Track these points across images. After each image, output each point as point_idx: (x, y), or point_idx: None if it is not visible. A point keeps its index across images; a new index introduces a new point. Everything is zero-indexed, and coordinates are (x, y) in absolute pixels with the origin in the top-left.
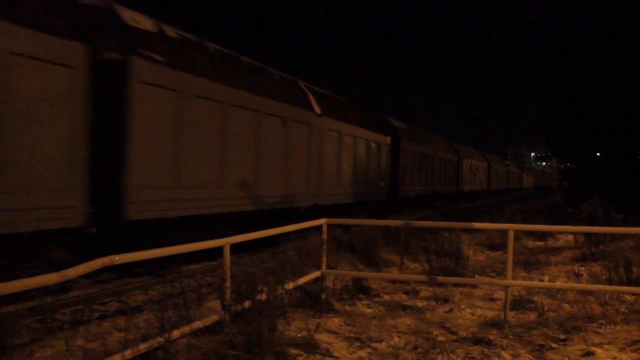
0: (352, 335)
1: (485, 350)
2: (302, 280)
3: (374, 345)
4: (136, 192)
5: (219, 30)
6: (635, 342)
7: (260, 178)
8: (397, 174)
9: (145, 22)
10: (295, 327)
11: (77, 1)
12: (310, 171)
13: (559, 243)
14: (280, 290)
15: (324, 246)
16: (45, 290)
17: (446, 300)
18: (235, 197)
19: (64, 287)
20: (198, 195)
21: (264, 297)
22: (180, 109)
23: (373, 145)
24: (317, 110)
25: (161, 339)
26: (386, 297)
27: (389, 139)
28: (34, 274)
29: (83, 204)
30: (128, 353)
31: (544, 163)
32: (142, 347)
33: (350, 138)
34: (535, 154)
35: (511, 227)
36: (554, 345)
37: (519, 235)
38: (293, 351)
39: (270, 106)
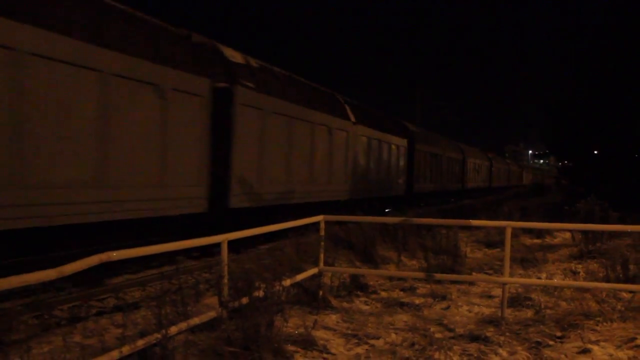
0: (350, 332)
1: (482, 347)
2: (299, 277)
3: (371, 342)
4: (236, 188)
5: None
6: (631, 340)
7: (313, 176)
8: (412, 173)
9: (237, 56)
10: (292, 323)
11: (196, 43)
12: (347, 170)
13: (556, 241)
14: (277, 287)
15: (322, 243)
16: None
17: (443, 298)
18: (297, 191)
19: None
20: (273, 189)
21: (261, 293)
22: (263, 122)
23: (394, 147)
24: (352, 119)
25: (159, 335)
26: (383, 294)
27: (406, 141)
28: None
29: (206, 196)
30: (125, 349)
31: (541, 161)
32: (140, 343)
33: (376, 142)
34: (533, 151)
35: (509, 224)
36: (550, 342)
37: (516, 232)
38: (290, 348)
39: (320, 117)
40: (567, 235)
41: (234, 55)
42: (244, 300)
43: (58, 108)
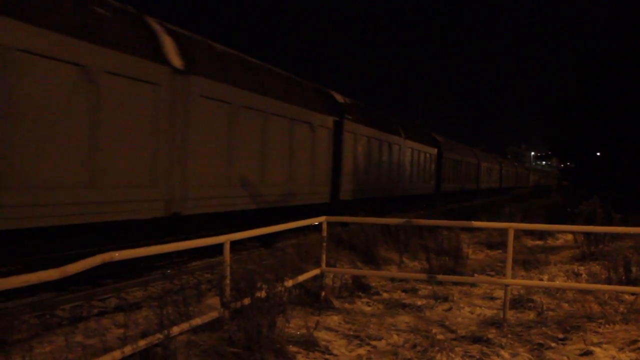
0: (352, 333)
1: (484, 349)
2: (301, 278)
3: (373, 343)
4: (343, 187)
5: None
6: (634, 342)
7: (381, 178)
8: (440, 175)
9: (342, 98)
10: (294, 324)
11: (324, 92)
12: (398, 174)
13: (558, 242)
14: (279, 288)
15: (324, 244)
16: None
17: (445, 299)
18: (377, 190)
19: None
20: (365, 188)
21: (263, 294)
22: (356, 143)
23: (428, 155)
24: (403, 135)
25: (160, 336)
26: (385, 295)
27: (436, 150)
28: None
29: (328, 192)
30: (127, 350)
31: (543, 162)
32: (142, 343)
33: (417, 152)
34: (535, 153)
35: (511, 226)
36: (552, 344)
37: (518, 234)
38: (292, 349)
39: (386, 136)
40: (569, 237)
41: (340, 98)
42: (246, 300)
43: (282, 145)
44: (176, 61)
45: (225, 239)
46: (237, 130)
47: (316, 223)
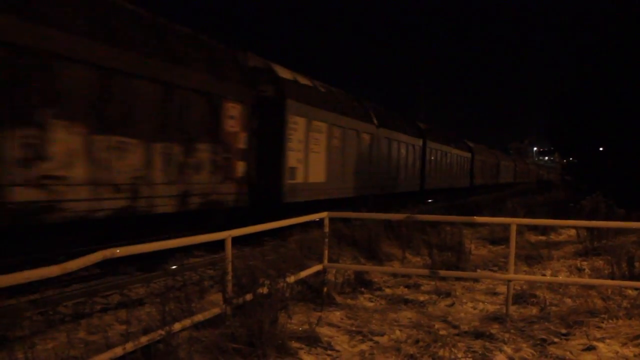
0: (354, 328)
1: (487, 344)
2: (303, 274)
3: (376, 338)
4: (427, 181)
5: (219, 24)
6: (637, 337)
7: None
8: (473, 173)
9: (423, 125)
10: (296, 320)
11: (412, 120)
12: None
13: (561, 237)
14: (281, 284)
15: (326, 239)
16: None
17: (448, 294)
18: (441, 183)
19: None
20: (437, 182)
21: (265, 290)
22: (432, 154)
23: (462, 157)
24: (424, 137)
25: (163, 332)
26: (388, 290)
27: (470, 154)
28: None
29: (419, 184)
30: (129, 346)
31: (546, 158)
32: (144, 339)
33: (449, 154)
34: (537, 148)
35: (513, 221)
36: (555, 339)
37: (521, 229)
38: (294, 344)
39: (452, 149)
40: (572, 232)
41: (423, 126)
42: (248, 296)
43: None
44: (375, 122)
45: (227, 235)
46: (447, 161)
47: (317, 219)
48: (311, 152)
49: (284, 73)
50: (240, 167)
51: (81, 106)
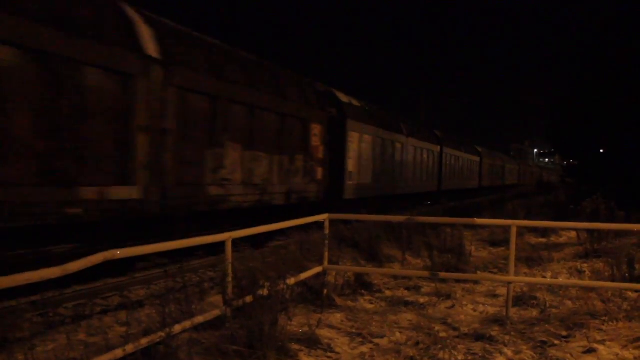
0: (354, 330)
1: (487, 346)
2: (303, 276)
3: (376, 341)
4: (443, 182)
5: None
6: (637, 339)
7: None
8: (482, 175)
9: (441, 134)
10: (296, 322)
11: (430, 130)
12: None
13: (561, 239)
14: (281, 286)
15: (326, 241)
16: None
17: (448, 297)
18: (451, 185)
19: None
20: (452, 183)
21: (265, 292)
22: (448, 158)
23: (472, 160)
24: (439, 144)
25: (163, 334)
26: (388, 292)
27: (478, 158)
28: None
29: (437, 184)
30: (129, 348)
31: (546, 160)
32: (144, 341)
33: (462, 158)
34: (538, 150)
35: (514, 223)
36: (556, 341)
37: (521, 231)
38: (294, 346)
39: (466, 155)
40: (573, 234)
41: (439, 132)
42: (248, 298)
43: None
44: (405, 133)
45: (228, 236)
46: (460, 165)
47: (320, 220)
48: (362, 159)
49: (343, 97)
50: (319, 172)
51: (240, 132)
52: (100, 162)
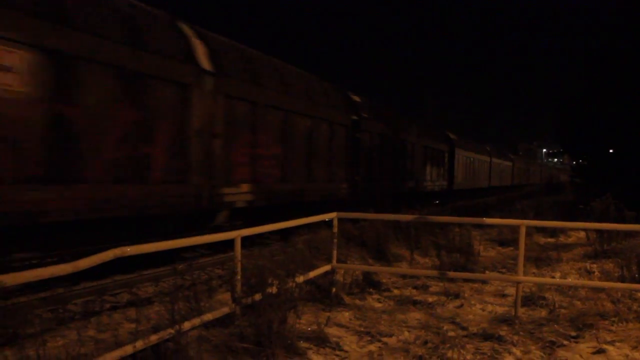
0: (362, 329)
1: (496, 346)
2: (312, 274)
3: (384, 339)
4: (455, 181)
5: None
6: None
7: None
8: (491, 175)
9: (452, 135)
10: (305, 320)
11: (440, 129)
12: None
13: (570, 240)
14: (290, 284)
15: (335, 240)
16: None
17: (456, 296)
18: (463, 184)
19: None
20: (463, 183)
21: (274, 290)
22: (460, 159)
23: (482, 161)
24: (491, 152)
25: (172, 331)
26: (396, 291)
27: (488, 158)
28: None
29: (447, 183)
30: (139, 344)
31: (555, 159)
32: (153, 338)
33: (472, 159)
34: (546, 150)
35: (522, 223)
36: (565, 342)
37: (530, 231)
38: (303, 344)
39: (480, 157)
40: (582, 234)
41: (451, 134)
42: (257, 296)
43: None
44: (453, 137)
45: (237, 234)
46: (497, 168)
47: (327, 219)
48: (462, 169)
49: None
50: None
51: (301, 139)
52: (166, 165)
